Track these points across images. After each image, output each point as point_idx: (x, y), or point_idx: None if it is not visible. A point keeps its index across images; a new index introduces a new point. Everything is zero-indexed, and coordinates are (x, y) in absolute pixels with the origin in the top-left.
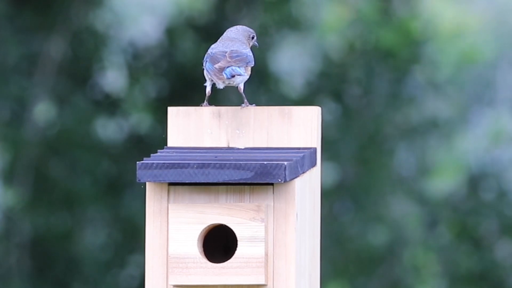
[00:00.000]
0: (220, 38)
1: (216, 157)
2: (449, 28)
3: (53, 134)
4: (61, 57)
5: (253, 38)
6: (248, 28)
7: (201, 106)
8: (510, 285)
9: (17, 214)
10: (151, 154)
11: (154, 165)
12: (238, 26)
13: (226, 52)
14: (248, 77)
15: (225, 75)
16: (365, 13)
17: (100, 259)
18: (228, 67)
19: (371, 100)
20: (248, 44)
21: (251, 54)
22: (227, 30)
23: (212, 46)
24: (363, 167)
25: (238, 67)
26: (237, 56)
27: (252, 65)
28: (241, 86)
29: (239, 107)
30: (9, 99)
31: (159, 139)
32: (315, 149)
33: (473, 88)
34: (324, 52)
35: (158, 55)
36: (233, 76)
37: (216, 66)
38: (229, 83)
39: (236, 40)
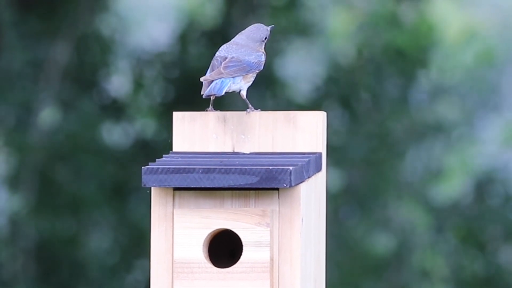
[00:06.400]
0: (231, 40)
1: (221, 162)
2: (456, 33)
3: (58, 139)
4: (67, 62)
5: (265, 39)
6: (257, 34)
7: (206, 111)
8: None
9: (22, 218)
10: (156, 159)
11: (159, 170)
12: (249, 32)
13: (225, 59)
14: (249, 84)
15: (204, 93)
16: (373, 17)
17: (105, 263)
18: (216, 79)
19: (378, 105)
20: (258, 46)
21: (256, 60)
22: (240, 33)
23: (220, 48)
24: (370, 172)
25: (233, 77)
26: (234, 66)
27: (258, 70)
28: (244, 93)
29: (244, 112)
30: (15, 104)
31: (164, 144)
32: (320, 154)
33: (479, 93)
34: (331, 57)
35: (163, 60)
36: (209, 96)
37: (207, 77)
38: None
39: (241, 45)
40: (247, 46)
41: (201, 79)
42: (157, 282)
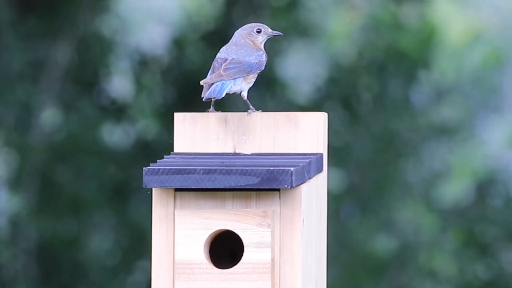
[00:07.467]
0: (230, 41)
1: (222, 163)
2: (458, 34)
3: (59, 140)
4: (68, 63)
5: (258, 32)
6: (249, 26)
7: (208, 112)
8: None
9: (23, 219)
10: (158, 160)
11: (160, 170)
12: (240, 29)
13: (226, 60)
14: (250, 85)
15: (204, 96)
16: (374, 19)
17: (106, 264)
18: (216, 82)
19: (380, 106)
20: (256, 44)
21: (257, 60)
22: (235, 33)
23: (220, 49)
24: (372, 173)
25: (233, 79)
26: (234, 67)
27: (260, 70)
28: (245, 94)
29: (246, 112)
30: (15, 105)
31: (165, 145)
32: (321, 154)
33: (481, 94)
34: (332, 58)
35: (164, 61)
36: (209, 99)
37: (208, 80)
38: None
39: (240, 45)
40: (246, 46)
41: (202, 82)
42: (158, 283)
